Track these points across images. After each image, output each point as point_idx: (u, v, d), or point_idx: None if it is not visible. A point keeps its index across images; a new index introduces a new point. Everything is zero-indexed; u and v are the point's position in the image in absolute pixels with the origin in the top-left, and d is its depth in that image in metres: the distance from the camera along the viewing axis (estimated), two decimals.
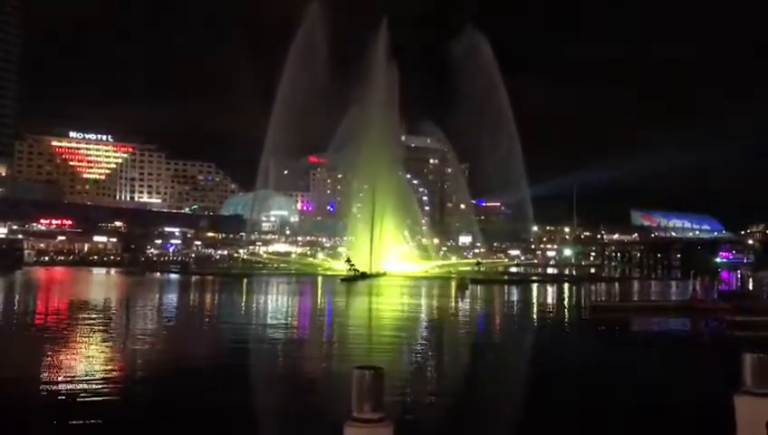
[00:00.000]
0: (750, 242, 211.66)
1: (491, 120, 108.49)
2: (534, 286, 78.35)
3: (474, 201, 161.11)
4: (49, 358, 22.71)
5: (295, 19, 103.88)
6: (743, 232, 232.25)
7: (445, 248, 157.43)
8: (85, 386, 17.30)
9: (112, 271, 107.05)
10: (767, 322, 34.78)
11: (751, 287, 52.07)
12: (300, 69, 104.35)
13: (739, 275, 70.27)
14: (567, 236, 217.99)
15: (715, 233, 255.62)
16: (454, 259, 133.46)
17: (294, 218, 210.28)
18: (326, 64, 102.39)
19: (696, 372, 22.48)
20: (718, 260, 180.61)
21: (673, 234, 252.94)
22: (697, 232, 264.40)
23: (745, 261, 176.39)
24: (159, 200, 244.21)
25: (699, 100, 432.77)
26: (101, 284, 75.04)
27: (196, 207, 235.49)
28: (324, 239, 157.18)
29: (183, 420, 14.68)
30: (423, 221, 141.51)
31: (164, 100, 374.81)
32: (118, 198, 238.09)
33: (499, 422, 15.79)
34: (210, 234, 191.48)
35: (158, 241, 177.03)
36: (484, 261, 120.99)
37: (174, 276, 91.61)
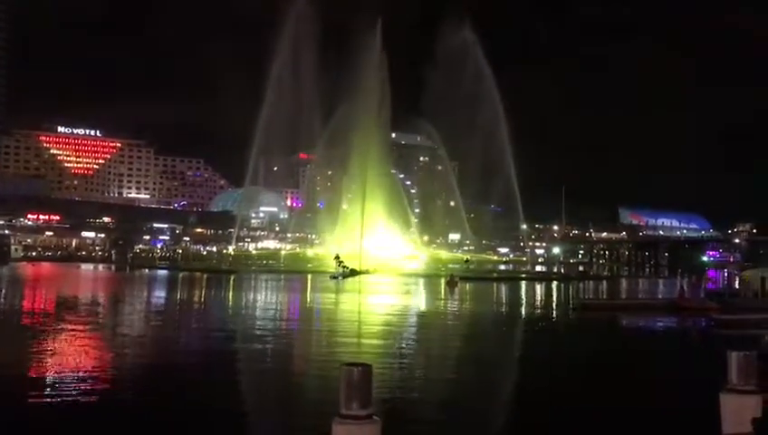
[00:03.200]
0: (737, 241, 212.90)
1: (481, 117, 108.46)
2: (523, 284, 78.52)
3: (463, 198, 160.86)
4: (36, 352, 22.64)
5: (285, 15, 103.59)
6: (730, 231, 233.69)
7: (434, 246, 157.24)
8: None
9: (100, 267, 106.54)
10: (753, 320, 35.10)
11: (737, 286, 52.35)
12: (289, 66, 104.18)
13: (726, 274, 70.73)
14: (556, 235, 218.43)
15: (703, 232, 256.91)
16: (444, 256, 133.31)
17: (284, 215, 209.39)
18: (316, 62, 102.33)
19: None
20: (705, 259, 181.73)
21: (661, 232, 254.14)
22: (685, 231, 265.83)
23: (732, 260, 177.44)
24: (148, 196, 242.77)
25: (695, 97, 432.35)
26: (88, 280, 74.65)
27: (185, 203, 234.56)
28: (313, 236, 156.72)
29: None
30: (412, 218, 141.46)
31: (153, 95, 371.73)
32: (106, 193, 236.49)
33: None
34: (199, 230, 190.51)
35: (147, 237, 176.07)
36: (473, 258, 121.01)
37: (162, 272, 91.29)
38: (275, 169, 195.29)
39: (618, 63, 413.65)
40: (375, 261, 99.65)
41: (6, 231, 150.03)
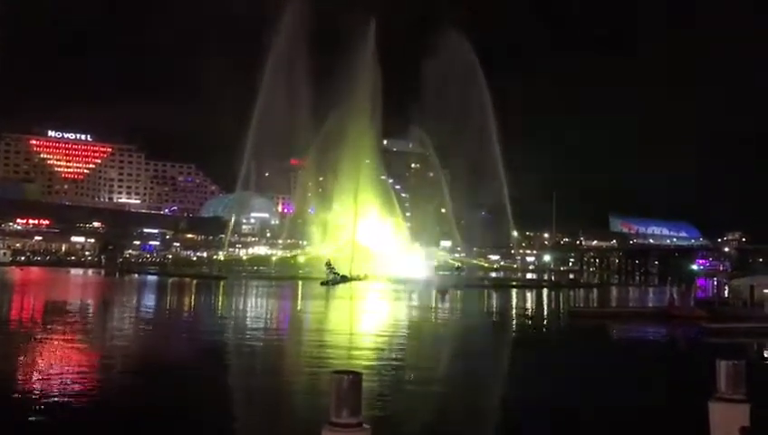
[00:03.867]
0: (726, 250, 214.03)
1: (473, 124, 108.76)
2: (514, 292, 78.60)
3: (454, 205, 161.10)
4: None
5: (277, 18, 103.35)
6: (719, 239, 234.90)
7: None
8: None
9: (89, 272, 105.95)
10: (742, 329, 35.30)
11: (727, 295, 52.62)
12: (281, 70, 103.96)
13: (715, 283, 71.02)
14: (546, 242, 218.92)
15: (692, 240, 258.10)
16: (435, 263, 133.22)
17: (275, 221, 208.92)
18: (308, 66, 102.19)
19: None
20: (695, 267, 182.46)
21: (651, 241, 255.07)
22: (675, 239, 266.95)
23: (721, 268, 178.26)
24: (138, 201, 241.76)
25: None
26: (77, 285, 74.16)
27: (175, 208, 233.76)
28: (304, 242, 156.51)
29: None
30: (404, 225, 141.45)
31: (144, 100, 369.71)
32: (96, 198, 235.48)
33: None
34: (189, 236, 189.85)
35: (137, 242, 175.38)
36: (464, 265, 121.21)
37: (151, 278, 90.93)
38: (267, 174, 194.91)
39: (615, 67, 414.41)
40: (366, 261, 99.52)
41: None
